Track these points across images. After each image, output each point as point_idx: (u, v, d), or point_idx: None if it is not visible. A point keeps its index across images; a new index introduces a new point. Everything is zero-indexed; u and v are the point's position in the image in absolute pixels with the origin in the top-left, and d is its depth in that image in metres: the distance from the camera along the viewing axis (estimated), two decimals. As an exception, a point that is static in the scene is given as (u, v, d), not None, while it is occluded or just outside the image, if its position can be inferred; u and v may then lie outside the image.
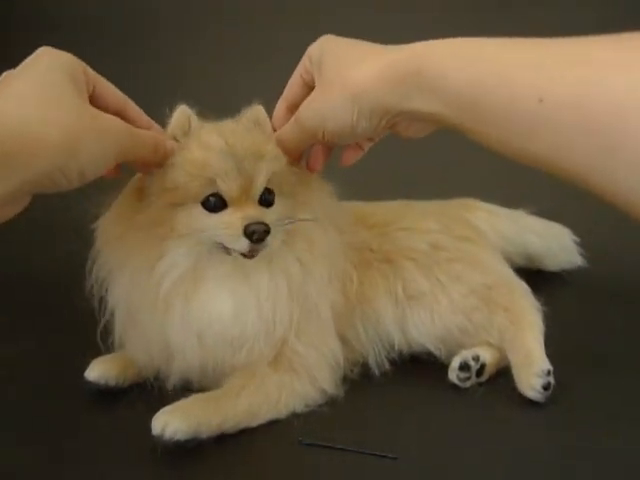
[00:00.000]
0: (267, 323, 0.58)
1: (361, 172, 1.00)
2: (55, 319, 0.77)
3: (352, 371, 0.67)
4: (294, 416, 0.60)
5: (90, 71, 0.52)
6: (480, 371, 0.66)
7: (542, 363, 0.62)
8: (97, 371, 0.62)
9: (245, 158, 0.56)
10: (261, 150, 0.57)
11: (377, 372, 0.67)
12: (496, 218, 0.84)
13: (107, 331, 0.62)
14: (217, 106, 0.62)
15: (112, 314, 0.62)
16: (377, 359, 0.68)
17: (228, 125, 0.61)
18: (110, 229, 0.59)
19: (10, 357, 0.70)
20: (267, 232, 0.54)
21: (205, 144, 0.57)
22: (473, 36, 1.09)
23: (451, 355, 0.67)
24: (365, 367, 0.68)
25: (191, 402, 0.56)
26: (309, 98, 0.55)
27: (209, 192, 0.56)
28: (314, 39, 1.16)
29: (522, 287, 0.71)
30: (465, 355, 0.66)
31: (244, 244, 0.55)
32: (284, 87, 0.61)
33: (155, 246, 0.57)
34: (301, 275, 0.60)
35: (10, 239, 1.02)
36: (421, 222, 0.73)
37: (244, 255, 0.56)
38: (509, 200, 0.88)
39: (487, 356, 0.66)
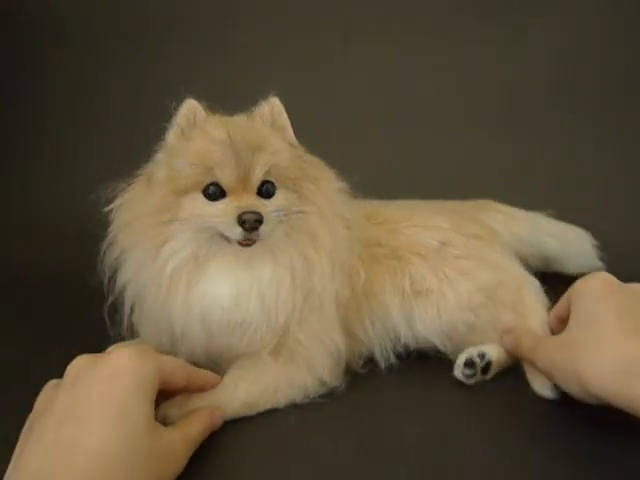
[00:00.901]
0: (269, 310, 0.59)
1: (377, 172, 1.03)
2: (53, 320, 0.78)
3: (358, 364, 0.67)
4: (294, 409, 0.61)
5: (160, 364, 0.49)
6: (486, 368, 0.66)
7: None
8: None
9: (244, 149, 0.58)
10: (261, 142, 0.59)
11: (382, 365, 0.68)
12: (512, 220, 0.83)
13: (115, 309, 0.64)
14: (218, 106, 0.65)
15: (121, 294, 0.63)
16: (383, 352, 0.68)
17: (234, 118, 0.63)
18: (123, 214, 0.62)
19: (8, 358, 0.70)
20: (259, 221, 0.56)
21: (208, 135, 0.59)
22: (474, 40, 1.10)
23: (458, 351, 0.67)
24: (370, 361, 0.68)
25: (190, 396, 0.58)
26: (559, 341, 0.58)
27: (209, 181, 0.58)
28: (315, 39, 1.19)
29: (532, 285, 0.71)
30: (471, 352, 0.66)
31: (237, 232, 0.57)
32: (284, 87, 0.63)
33: (161, 231, 0.60)
34: (304, 268, 0.61)
35: (9, 240, 1.05)
36: (431, 220, 0.73)
37: (239, 243, 0.58)
38: (528, 203, 0.87)
39: (493, 354, 0.66)
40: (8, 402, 0.61)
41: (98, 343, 0.70)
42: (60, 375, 0.63)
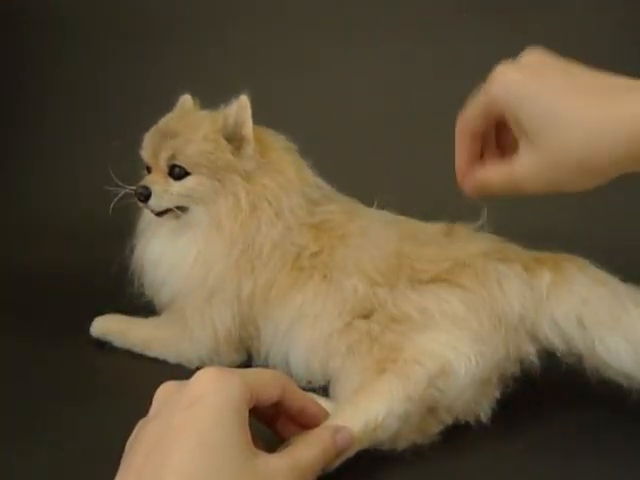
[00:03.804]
0: (169, 276, 0.67)
1: (376, 172, 1.02)
2: (53, 319, 0.78)
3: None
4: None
5: (245, 379, 0.43)
6: None
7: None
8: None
9: (158, 136, 0.65)
10: (178, 132, 0.64)
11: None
12: (567, 290, 0.56)
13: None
14: (216, 105, 0.66)
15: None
16: (270, 359, 0.64)
17: (199, 113, 0.68)
18: None
19: (7, 358, 0.70)
20: (144, 195, 0.64)
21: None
22: (475, 41, 1.08)
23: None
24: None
25: (122, 317, 0.72)
26: (527, 162, 0.47)
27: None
28: (314, 40, 1.20)
29: (419, 371, 0.52)
30: None
31: (139, 202, 0.65)
32: (284, 87, 0.63)
33: None
34: (205, 248, 0.64)
35: (9, 240, 1.05)
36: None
37: (153, 213, 0.66)
38: (526, 203, 0.69)
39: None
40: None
41: (98, 343, 0.71)
42: (59, 374, 0.65)
